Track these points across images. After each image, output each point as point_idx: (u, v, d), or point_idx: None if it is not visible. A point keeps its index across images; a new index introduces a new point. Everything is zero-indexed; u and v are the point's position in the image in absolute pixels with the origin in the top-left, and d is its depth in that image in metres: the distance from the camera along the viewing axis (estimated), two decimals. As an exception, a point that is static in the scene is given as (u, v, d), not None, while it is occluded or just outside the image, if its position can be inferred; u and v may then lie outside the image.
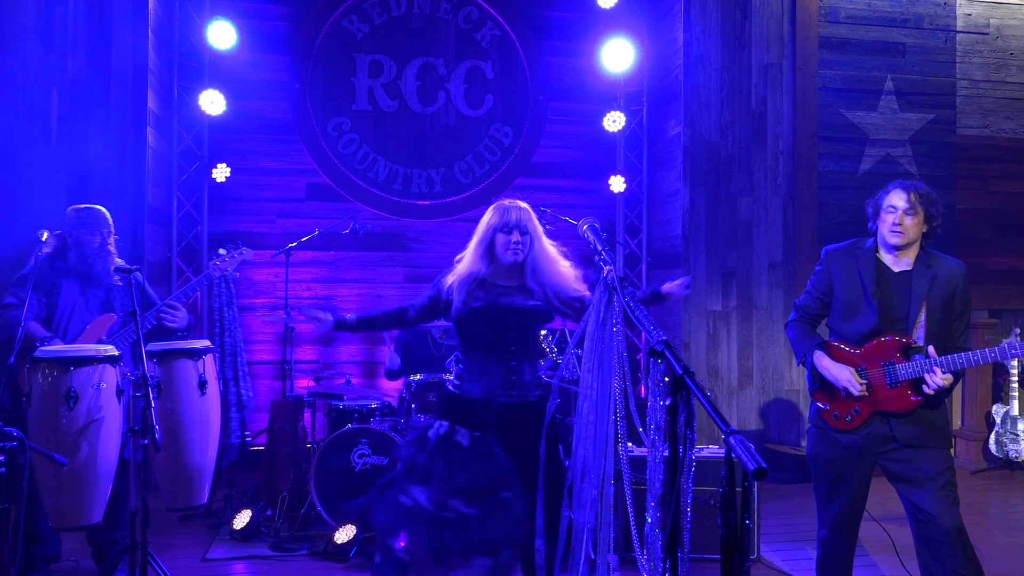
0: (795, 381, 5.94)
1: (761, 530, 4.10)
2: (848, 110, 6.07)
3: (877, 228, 2.97)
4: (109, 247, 3.67)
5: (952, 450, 3.02)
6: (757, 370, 5.91)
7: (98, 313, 3.62)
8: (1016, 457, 5.71)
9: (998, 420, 5.78)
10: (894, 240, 2.89)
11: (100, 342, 3.49)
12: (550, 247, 2.86)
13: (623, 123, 6.26)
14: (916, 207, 2.86)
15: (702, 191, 5.87)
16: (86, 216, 3.63)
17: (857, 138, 6.09)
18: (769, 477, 1.12)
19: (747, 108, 5.93)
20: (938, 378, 2.75)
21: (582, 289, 2.81)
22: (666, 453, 1.42)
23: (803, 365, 3.08)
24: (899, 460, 2.88)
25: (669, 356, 1.40)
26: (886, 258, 2.96)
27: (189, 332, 3.80)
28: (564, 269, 2.84)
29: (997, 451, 5.76)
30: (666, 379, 1.39)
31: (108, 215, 3.72)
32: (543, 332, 4.68)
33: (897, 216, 2.87)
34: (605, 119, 6.23)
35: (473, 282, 2.78)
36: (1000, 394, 5.93)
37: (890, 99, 6.13)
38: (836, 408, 2.96)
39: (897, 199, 2.89)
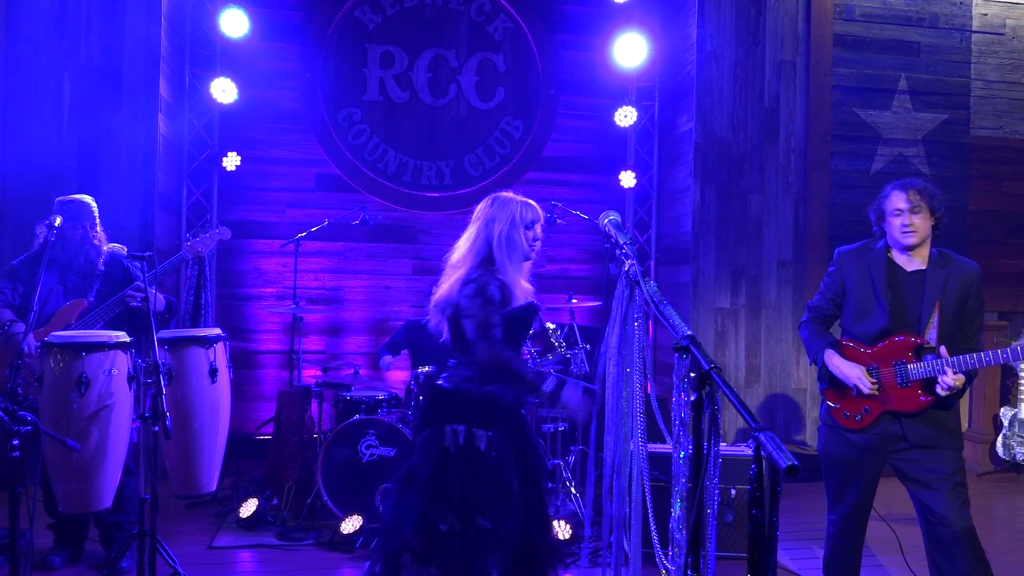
0: (802, 380, 5.92)
1: (768, 528, 4.09)
2: (861, 109, 6.04)
3: (886, 231, 2.97)
4: (92, 238, 3.68)
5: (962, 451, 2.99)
6: (765, 368, 5.89)
7: (72, 299, 3.63)
8: (1023, 460, 5.69)
9: (1006, 423, 5.76)
10: (908, 241, 2.88)
11: (68, 327, 3.51)
12: None
13: (635, 118, 6.24)
14: (920, 204, 2.86)
15: (713, 188, 5.85)
16: (68, 207, 3.63)
17: (870, 137, 6.06)
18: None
19: (760, 105, 5.90)
20: (949, 378, 2.74)
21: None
22: (690, 449, 1.40)
23: (815, 364, 3.07)
24: (910, 460, 2.87)
25: (695, 351, 1.39)
26: (898, 258, 2.95)
27: (170, 314, 3.81)
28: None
29: (1004, 453, 5.74)
30: (691, 375, 1.38)
31: (93, 205, 3.72)
32: (551, 326, 4.67)
33: (905, 217, 2.87)
34: (616, 114, 6.20)
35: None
36: (1008, 396, 5.91)
37: (904, 98, 6.10)
38: (846, 407, 2.95)
39: (899, 201, 2.89)
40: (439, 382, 2.67)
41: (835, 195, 5.96)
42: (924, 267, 2.91)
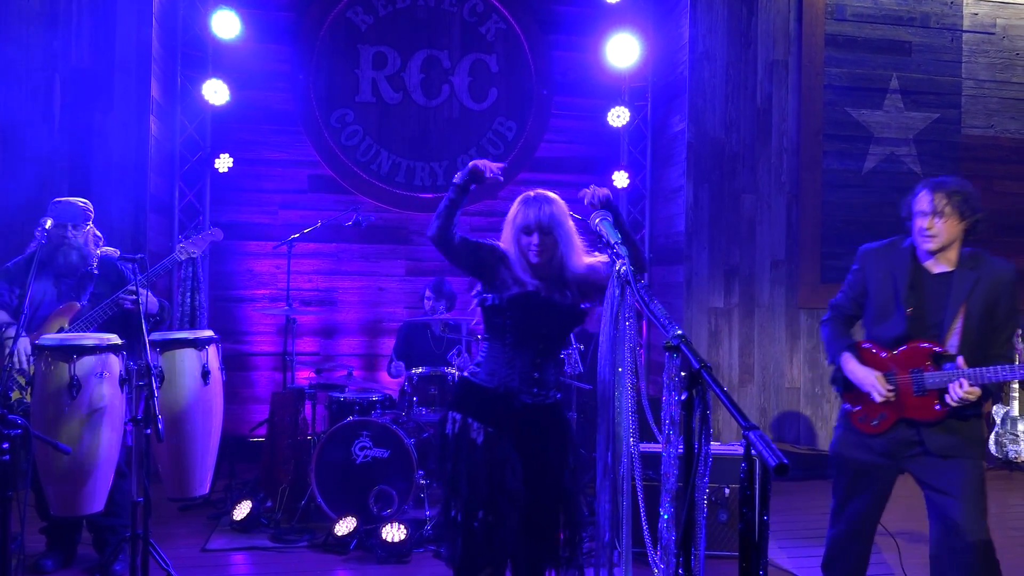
0: (795, 379, 5.93)
1: (763, 527, 4.09)
2: (853, 108, 6.06)
3: (912, 230, 2.83)
4: (85, 240, 3.65)
5: (984, 461, 2.90)
6: (758, 367, 5.90)
7: (66, 302, 3.61)
8: (1015, 458, 5.71)
9: (998, 421, 5.78)
10: (926, 246, 2.75)
11: (62, 330, 3.49)
12: (578, 241, 2.59)
13: (627, 118, 6.24)
14: (944, 208, 2.70)
15: (706, 188, 5.86)
16: (62, 209, 3.60)
17: (862, 136, 6.08)
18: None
19: (752, 105, 5.92)
20: (961, 390, 2.61)
21: (600, 265, 2.56)
22: (680, 448, 1.40)
23: (834, 365, 2.98)
24: (927, 465, 2.77)
25: (686, 350, 1.39)
26: (924, 259, 2.81)
27: (163, 316, 3.79)
28: (589, 260, 2.60)
29: (997, 452, 5.76)
30: (682, 373, 1.38)
31: (88, 207, 3.68)
32: None
33: (926, 221, 2.73)
34: (609, 114, 6.21)
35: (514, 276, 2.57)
36: (1000, 395, 5.93)
37: (895, 98, 6.12)
38: (864, 411, 2.86)
39: (923, 202, 2.75)
40: (464, 372, 2.69)
41: (827, 194, 5.97)
42: (951, 269, 2.77)
